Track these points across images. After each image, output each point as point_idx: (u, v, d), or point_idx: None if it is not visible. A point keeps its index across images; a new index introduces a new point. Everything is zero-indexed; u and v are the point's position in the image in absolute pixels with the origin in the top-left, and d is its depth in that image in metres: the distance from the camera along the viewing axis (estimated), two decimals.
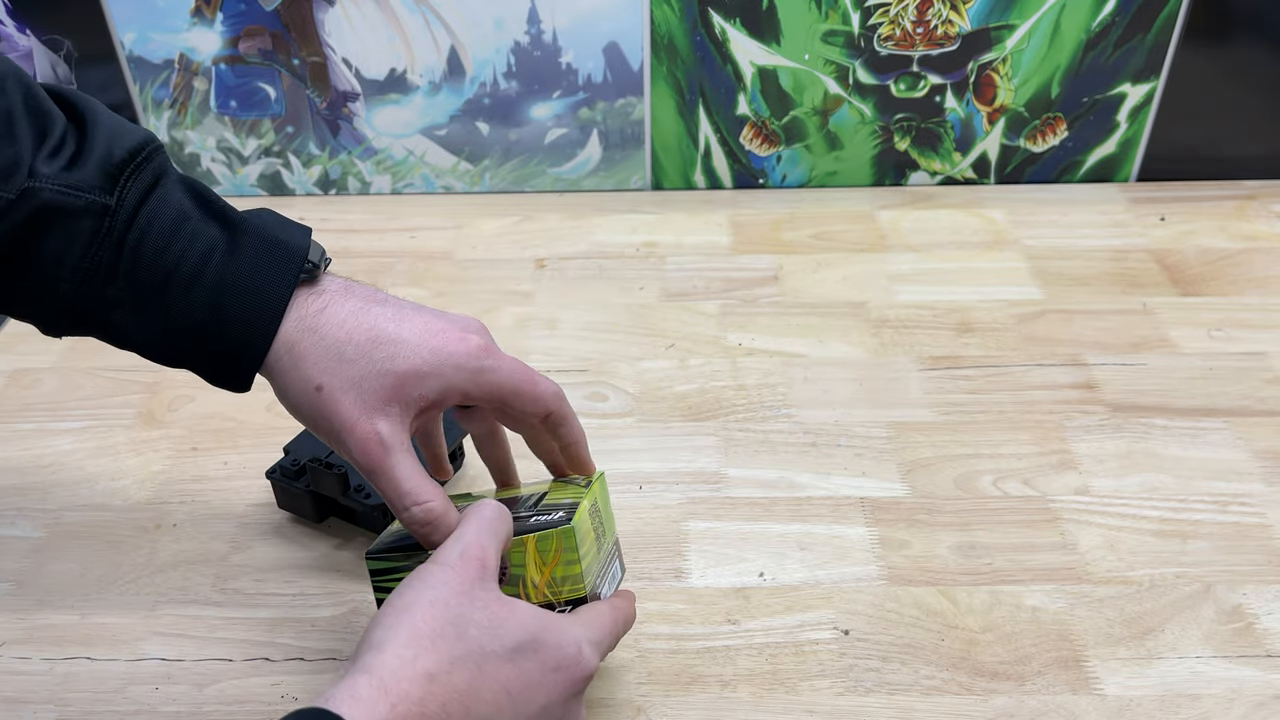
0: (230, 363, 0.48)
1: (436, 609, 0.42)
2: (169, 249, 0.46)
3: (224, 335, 0.47)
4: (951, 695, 0.56)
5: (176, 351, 0.48)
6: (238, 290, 0.47)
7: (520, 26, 0.95)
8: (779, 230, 0.97)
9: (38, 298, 0.47)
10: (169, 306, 0.47)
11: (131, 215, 0.46)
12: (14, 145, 0.45)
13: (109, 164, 0.46)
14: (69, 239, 0.45)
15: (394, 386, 0.47)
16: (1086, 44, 0.94)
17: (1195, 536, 0.65)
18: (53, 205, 0.45)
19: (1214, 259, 0.91)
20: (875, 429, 0.74)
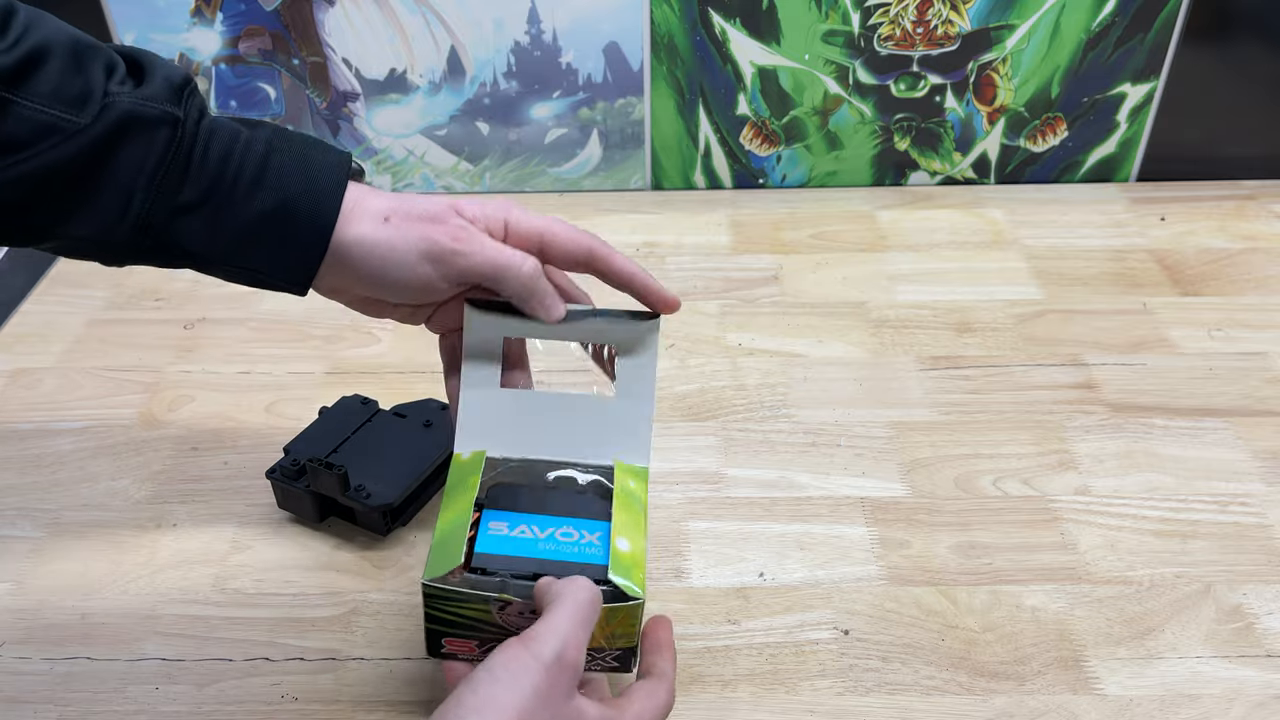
0: (303, 235, 0.50)
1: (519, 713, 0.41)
2: (231, 155, 0.50)
3: (293, 215, 0.50)
4: (951, 695, 0.56)
5: (244, 245, 0.51)
6: (299, 178, 0.51)
7: (520, 26, 0.95)
8: (779, 230, 0.97)
9: (110, 211, 0.49)
10: (237, 203, 0.50)
11: (195, 127, 0.50)
12: (82, 75, 0.48)
13: (171, 84, 0.50)
14: (146, 147, 0.48)
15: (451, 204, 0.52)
16: (1086, 44, 0.94)
17: (1195, 536, 0.65)
18: (133, 114, 0.48)
19: (1214, 259, 0.91)
20: (875, 429, 0.74)
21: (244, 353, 0.83)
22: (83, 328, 0.86)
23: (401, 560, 0.64)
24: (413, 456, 0.65)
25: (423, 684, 0.57)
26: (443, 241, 0.51)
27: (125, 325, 0.86)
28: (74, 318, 0.87)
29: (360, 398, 0.70)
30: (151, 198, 0.49)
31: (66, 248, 0.51)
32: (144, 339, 0.84)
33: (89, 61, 0.49)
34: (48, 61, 0.47)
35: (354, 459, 0.64)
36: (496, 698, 0.41)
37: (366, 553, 0.65)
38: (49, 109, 0.47)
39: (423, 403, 0.70)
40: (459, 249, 0.51)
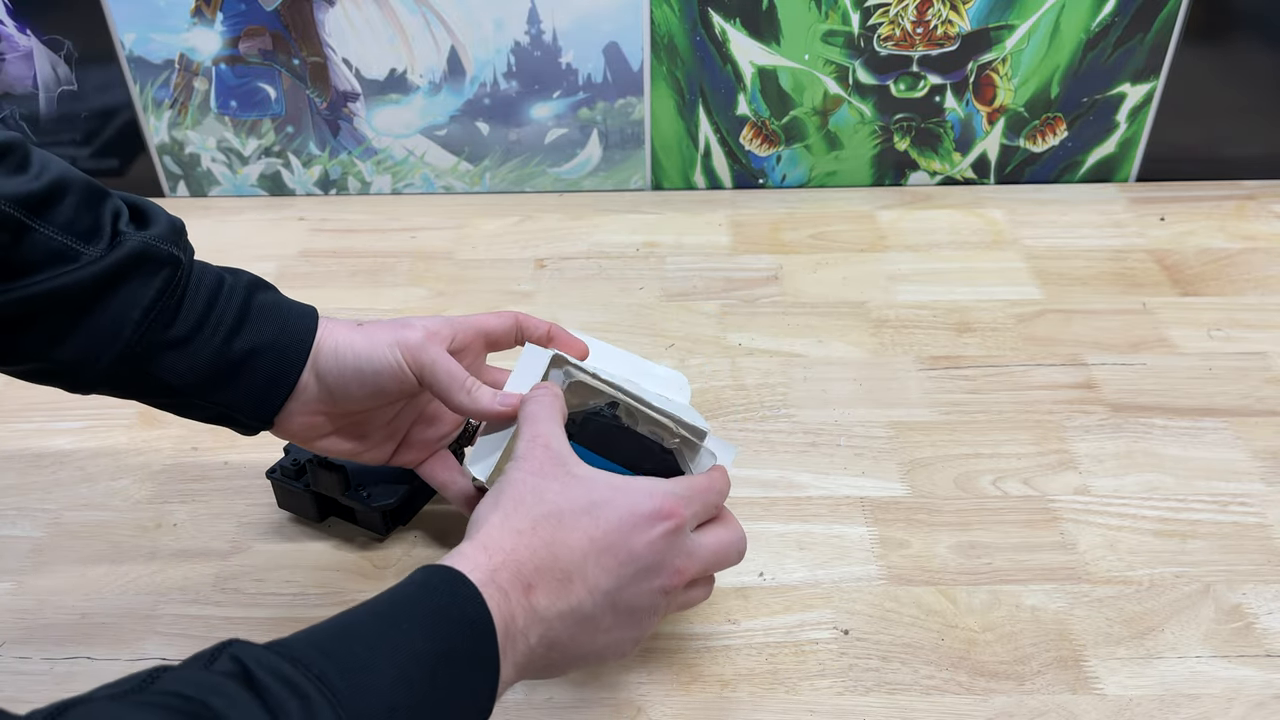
0: (280, 364, 0.56)
1: (518, 487, 0.48)
2: (216, 298, 0.55)
3: (267, 356, 0.55)
4: (951, 695, 0.56)
5: (217, 382, 0.55)
6: (274, 325, 0.56)
7: (520, 26, 0.95)
8: (779, 230, 0.97)
9: (102, 339, 0.52)
10: (218, 344, 0.54)
11: (189, 269, 0.55)
12: (94, 212, 0.52)
13: (173, 227, 0.55)
14: (146, 285, 0.53)
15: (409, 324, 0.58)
16: (1086, 44, 0.94)
17: (1195, 536, 0.65)
18: (143, 252, 0.52)
19: (1213, 259, 0.91)
20: (875, 429, 0.74)
21: None
22: None
23: (401, 560, 0.64)
24: None
25: None
26: (407, 334, 0.56)
27: None
28: None
29: None
30: (142, 331, 0.53)
31: (41, 371, 0.55)
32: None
33: (100, 201, 0.53)
34: (67, 196, 0.52)
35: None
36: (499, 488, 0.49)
37: (366, 553, 0.65)
38: (62, 237, 0.51)
39: None
40: (421, 340, 0.56)
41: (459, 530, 0.66)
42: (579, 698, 0.56)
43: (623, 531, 0.48)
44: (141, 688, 0.36)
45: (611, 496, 0.48)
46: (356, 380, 0.56)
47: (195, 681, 0.37)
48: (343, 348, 0.56)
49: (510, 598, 0.45)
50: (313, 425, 0.58)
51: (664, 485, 0.50)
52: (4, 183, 0.50)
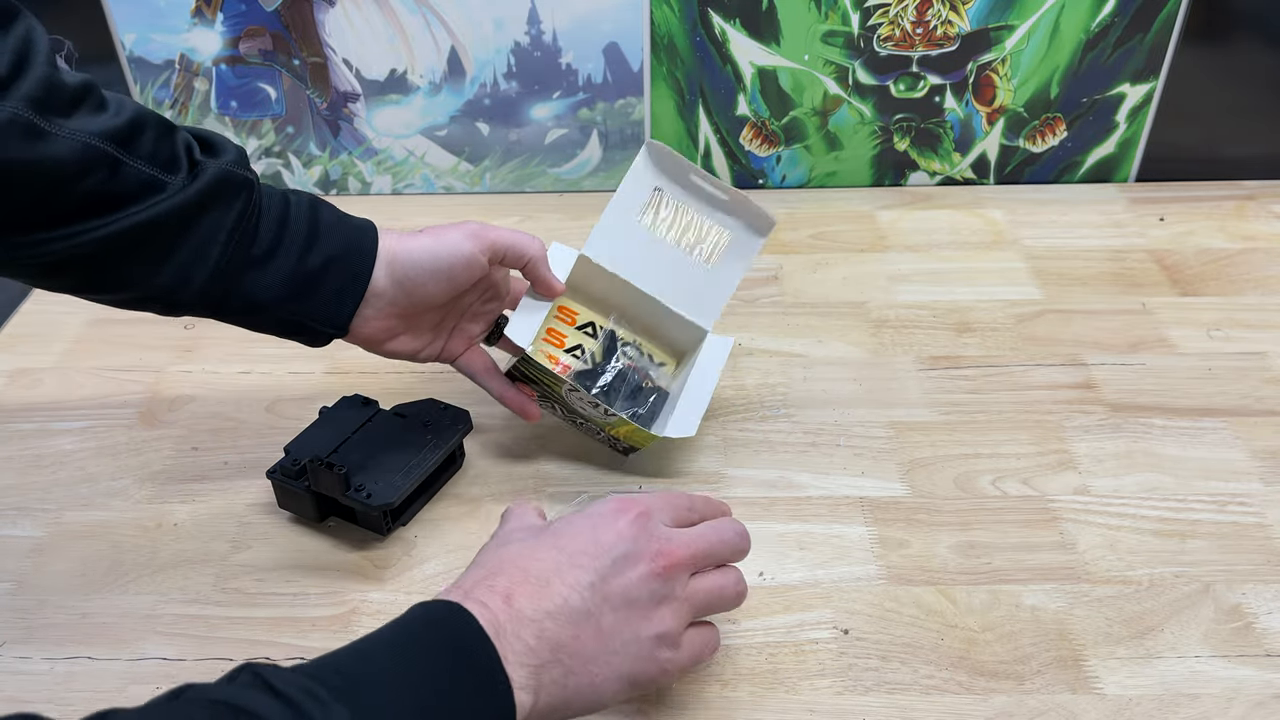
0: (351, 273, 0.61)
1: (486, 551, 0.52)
2: (287, 216, 0.60)
3: (342, 264, 0.61)
4: (951, 694, 0.56)
5: (299, 293, 0.60)
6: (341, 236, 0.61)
7: (520, 27, 0.95)
8: (779, 230, 0.97)
9: (193, 263, 0.57)
10: (294, 257, 0.59)
11: (260, 190, 0.59)
12: (169, 142, 0.56)
13: (241, 154, 0.59)
14: (228, 208, 0.57)
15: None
16: (1086, 44, 0.95)
17: (1194, 536, 0.65)
18: (225, 177, 0.57)
19: (1213, 259, 0.91)
20: (875, 429, 0.74)
21: (244, 353, 0.83)
22: (83, 328, 0.86)
23: (401, 560, 0.65)
24: (413, 456, 0.65)
25: None
26: (473, 226, 0.64)
27: (125, 325, 0.86)
28: (74, 318, 0.87)
29: (360, 398, 0.70)
30: (230, 252, 0.57)
31: (139, 299, 0.58)
32: (144, 339, 0.84)
33: (172, 133, 0.57)
34: (146, 129, 0.56)
35: (354, 459, 0.64)
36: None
37: (366, 553, 0.65)
38: (150, 169, 0.55)
39: (423, 403, 0.70)
40: (488, 227, 0.64)
41: (459, 530, 0.66)
42: None
43: (589, 532, 0.50)
44: (169, 700, 0.39)
45: (572, 518, 0.51)
46: (433, 276, 0.62)
47: (221, 691, 0.39)
48: (415, 250, 0.62)
49: (490, 606, 0.46)
50: (386, 329, 0.64)
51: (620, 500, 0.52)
52: (93, 121, 0.53)
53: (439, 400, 0.70)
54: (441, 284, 0.63)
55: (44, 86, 0.52)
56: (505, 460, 0.72)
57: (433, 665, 0.44)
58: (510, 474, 0.71)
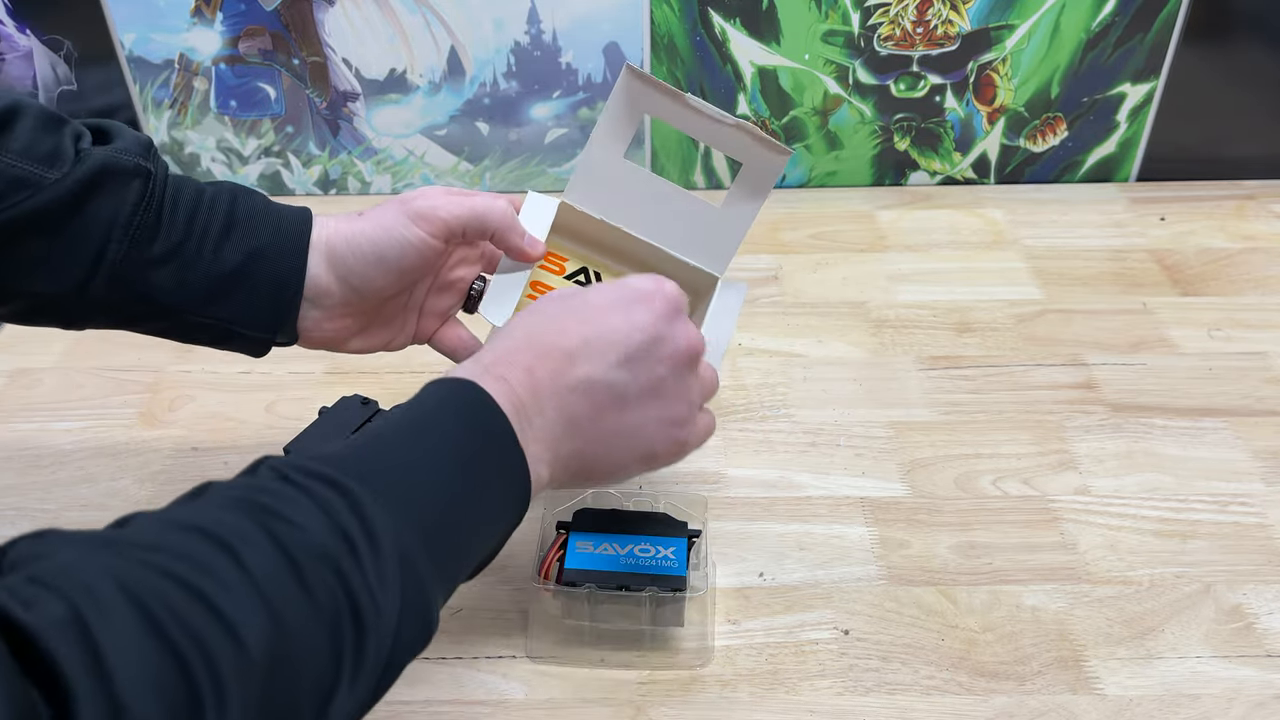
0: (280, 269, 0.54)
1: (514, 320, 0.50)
2: (199, 208, 0.53)
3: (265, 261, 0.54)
4: (951, 695, 0.56)
5: (215, 294, 0.54)
6: (266, 227, 0.54)
7: (520, 26, 0.95)
8: (779, 230, 0.97)
9: (84, 262, 0.51)
10: (207, 254, 0.53)
11: (164, 181, 0.53)
12: (53, 136, 0.51)
13: (140, 142, 0.53)
14: (120, 197, 0.51)
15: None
16: (1086, 44, 0.94)
17: (1195, 536, 0.65)
18: (108, 165, 0.51)
19: (1214, 259, 0.91)
20: (875, 429, 0.74)
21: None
22: None
23: None
24: None
25: (423, 684, 0.57)
26: (420, 204, 0.55)
27: None
28: None
29: (360, 398, 0.70)
30: (125, 249, 0.51)
31: (31, 308, 0.54)
32: (144, 339, 0.84)
33: (58, 126, 0.51)
34: (19, 121, 0.50)
35: None
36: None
37: None
38: (21, 164, 0.49)
39: None
40: (438, 201, 0.55)
41: None
42: (579, 698, 0.56)
43: (620, 308, 0.48)
44: (191, 498, 0.37)
45: (603, 289, 0.49)
46: (379, 268, 0.55)
47: (242, 484, 0.38)
48: (356, 238, 0.55)
49: (509, 381, 0.45)
50: (342, 329, 0.58)
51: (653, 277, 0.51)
52: None
53: None
54: (391, 277, 0.56)
55: None
56: None
57: (451, 446, 0.43)
58: None
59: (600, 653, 0.58)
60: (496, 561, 0.64)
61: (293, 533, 0.35)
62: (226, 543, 0.34)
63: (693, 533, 0.60)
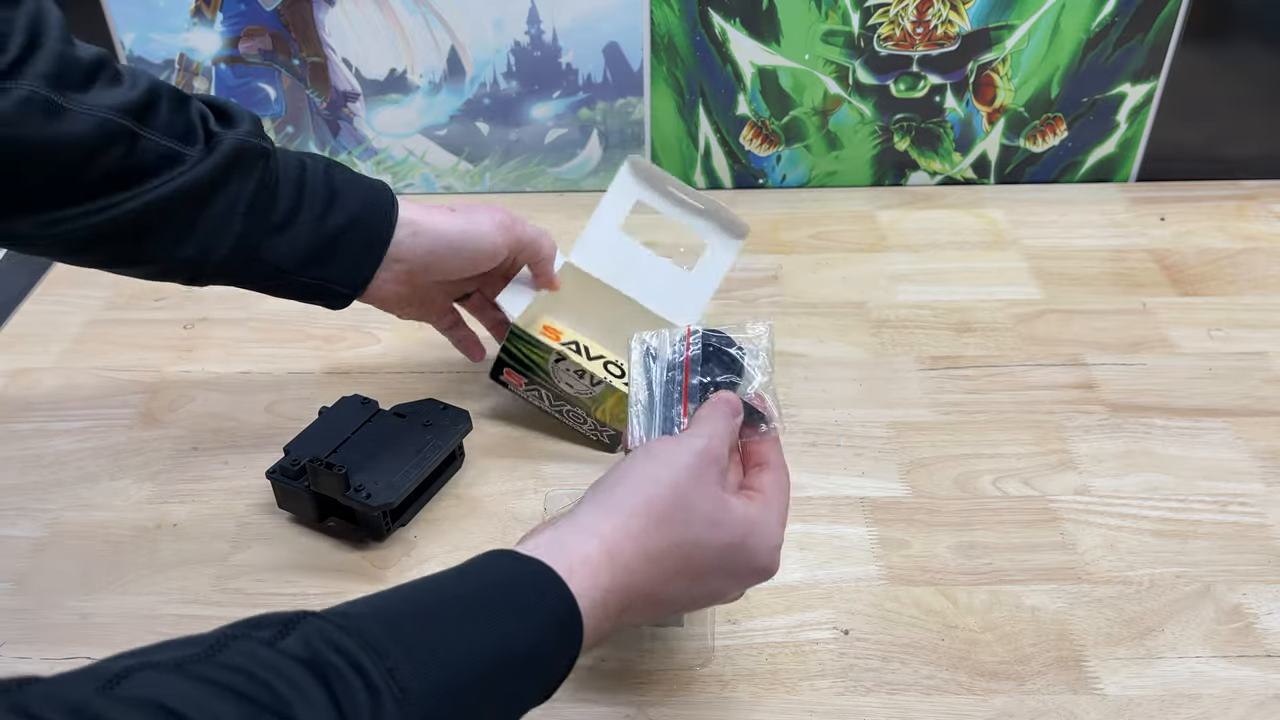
0: (371, 234, 0.62)
1: (673, 491, 0.47)
2: (304, 181, 0.60)
3: (361, 227, 0.62)
4: (951, 695, 0.56)
5: (320, 257, 0.61)
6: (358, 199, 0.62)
7: (520, 27, 0.95)
8: (779, 230, 0.97)
9: (216, 233, 0.57)
10: (313, 221, 0.60)
11: (276, 157, 0.59)
12: (185, 114, 0.56)
13: (256, 122, 0.59)
14: (246, 178, 0.58)
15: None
16: (1086, 44, 0.94)
17: (1195, 536, 0.65)
18: (243, 147, 0.57)
19: (1213, 259, 0.91)
20: (875, 429, 0.74)
21: (244, 353, 0.83)
22: (83, 328, 0.86)
23: (401, 560, 0.64)
24: (413, 457, 0.65)
25: None
26: (503, 217, 0.66)
27: (125, 325, 0.86)
28: (74, 318, 0.87)
29: (360, 398, 0.70)
30: (250, 222, 0.58)
31: (164, 271, 0.59)
32: (144, 339, 0.84)
33: (185, 104, 0.57)
34: (161, 101, 0.55)
35: (354, 459, 0.64)
36: (653, 474, 0.47)
37: (366, 553, 0.65)
38: (167, 141, 0.55)
39: (423, 403, 0.70)
40: (518, 220, 0.67)
41: (459, 530, 0.66)
42: (579, 697, 0.56)
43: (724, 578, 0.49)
44: (208, 655, 0.34)
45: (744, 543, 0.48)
46: (456, 256, 0.65)
47: (264, 661, 0.35)
48: (445, 227, 0.64)
49: (597, 613, 0.44)
50: (398, 295, 0.66)
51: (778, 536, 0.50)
52: (109, 95, 0.53)
53: (439, 400, 0.70)
54: (463, 264, 0.66)
55: (59, 62, 0.51)
56: (505, 460, 0.72)
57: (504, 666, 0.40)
58: (510, 474, 0.71)
59: (600, 652, 0.58)
60: None
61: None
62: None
63: None
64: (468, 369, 0.79)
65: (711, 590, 0.49)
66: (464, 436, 0.69)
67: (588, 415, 0.71)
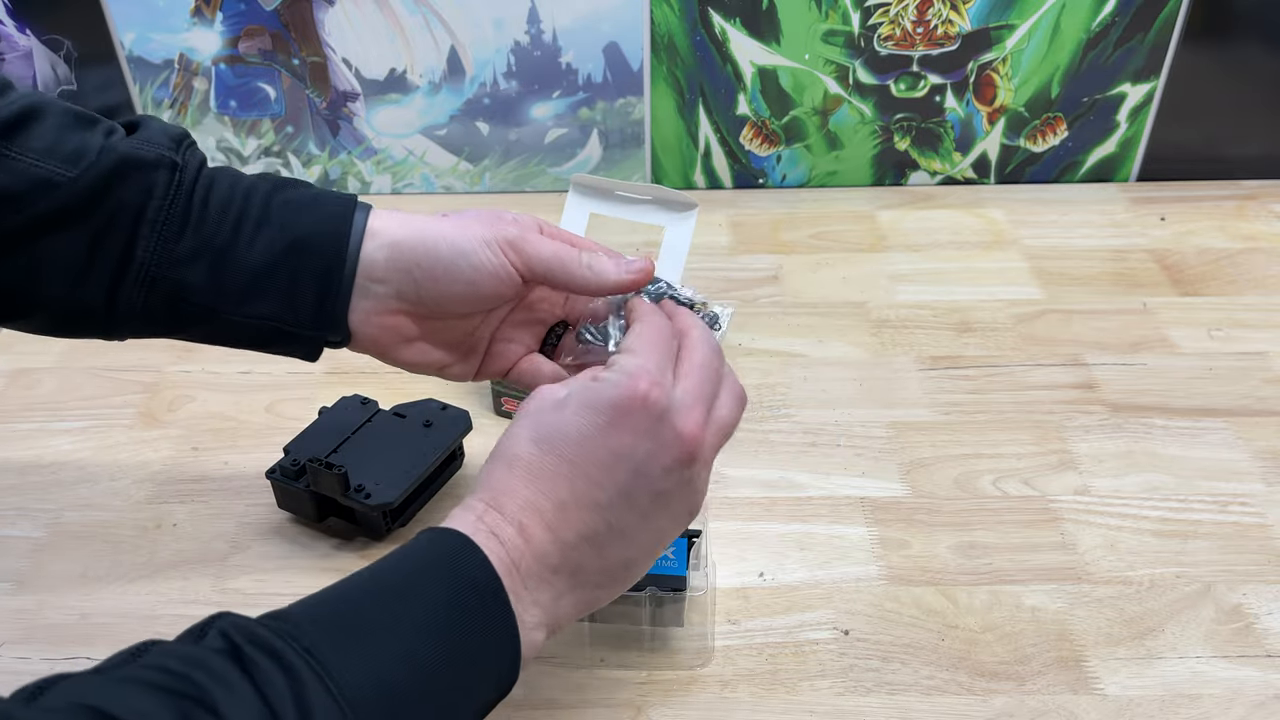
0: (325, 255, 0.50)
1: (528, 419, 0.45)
2: (233, 198, 0.50)
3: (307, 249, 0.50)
4: (951, 695, 0.56)
5: (254, 290, 0.50)
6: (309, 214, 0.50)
7: (520, 26, 0.95)
8: (779, 230, 0.97)
9: (112, 261, 0.49)
10: (242, 246, 0.49)
11: (195, 173, 0.50)
12: (79, 134, 0.48)
13: (168, 134, 0.50)
14: (144, 190, 0.48)
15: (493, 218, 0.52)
16: (1086, 44, 0.94)
17: (1195, 536, 0.65)
18: (128, 157, 0.48)
19: (1214, 259, 0.91)
20: (875, 429, 0.74)
21: (244, 353, 0.82)
22: None
23: None
24: (413, 456, 0.65)
25: None
26: (510, 230, 0.51)
27: None
28: None
29: (360, 398, 0.70)
30: (153, 246, 0.48)
31: (63, 318, 0.51)
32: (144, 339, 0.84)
33: (87, 125, 0.49)
34: (42, 120, 0.48)
35: (354, 459, 0.64)
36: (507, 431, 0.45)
37: (366, 553, 0.65)
38: (42, 163, 0.47)
39: (423, 403, 0.70)
40: (527, 238, 0.51)
41: None
42: (579, 698, 0.56)
43: (598, 439, 0.43)
44: (128, 661, 0.35)
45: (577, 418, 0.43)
46: (450, 275, 0.50)
47: (182, 655, 0.35)
48: (431, 236, 0.50)
49: (502, 539, 0.42)
50: (394, 327, 0.52)
51: (629, 365, 0.44)
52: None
53: (439, 400, 0.70)
54: (460, 289, 0.51)
55: None
56: None
57: (434, 610, 0.39)
58: None
59: (600, 653, 0.58)
60: None
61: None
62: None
63: (693, 533, 0.60)
64: None
65: (652, 485, 0.43)
66: (464, 436, 0.69)
67: None
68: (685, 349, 0.47)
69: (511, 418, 0.63)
